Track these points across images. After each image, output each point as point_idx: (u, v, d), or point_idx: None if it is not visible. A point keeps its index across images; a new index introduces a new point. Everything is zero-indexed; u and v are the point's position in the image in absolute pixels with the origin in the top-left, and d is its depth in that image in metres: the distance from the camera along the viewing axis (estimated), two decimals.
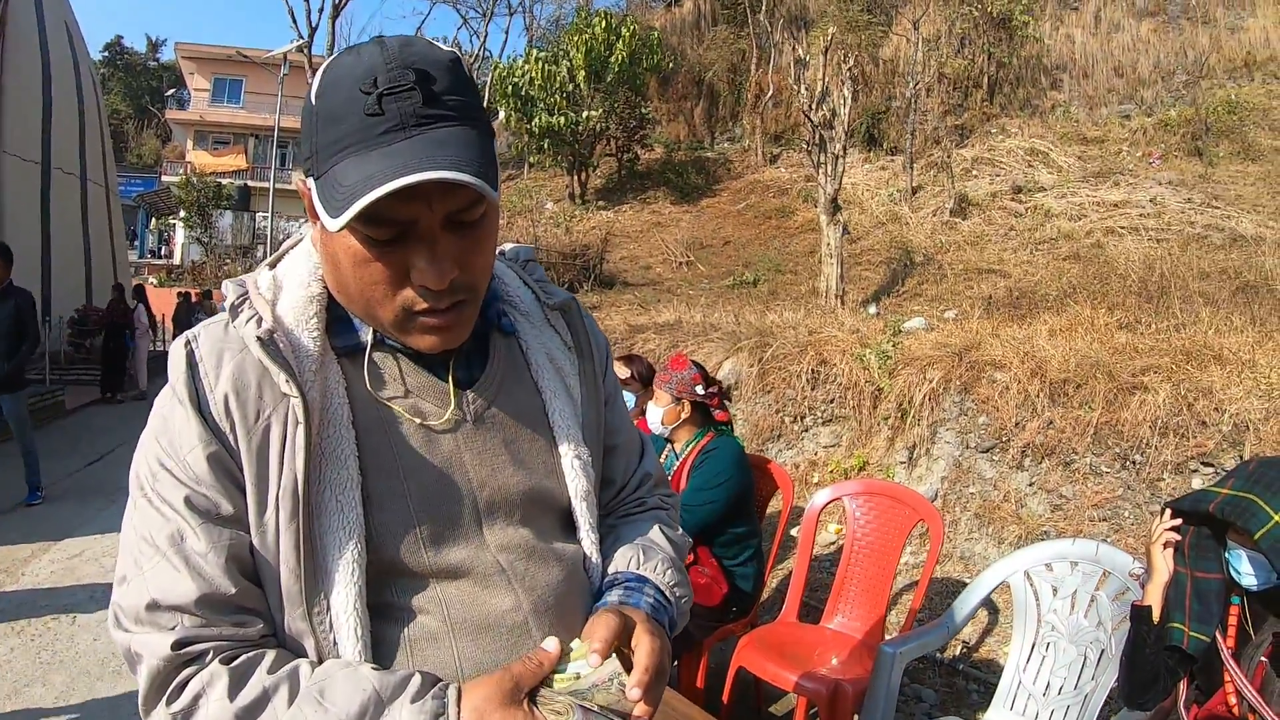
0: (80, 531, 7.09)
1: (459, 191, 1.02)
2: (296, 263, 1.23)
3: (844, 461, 6.49)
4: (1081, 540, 3.14)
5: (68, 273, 19.30)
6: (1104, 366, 5.62)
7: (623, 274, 19.41)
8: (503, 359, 1.30)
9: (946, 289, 13.65)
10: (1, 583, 5.90)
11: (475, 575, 1.16)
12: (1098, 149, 17.87)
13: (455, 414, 1.20)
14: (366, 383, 1.16)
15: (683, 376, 3.98)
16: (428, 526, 1.15)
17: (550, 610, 1.20)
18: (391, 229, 1.03)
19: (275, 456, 1.08)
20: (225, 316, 1.15)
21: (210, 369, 1.10)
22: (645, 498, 1.53)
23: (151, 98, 60.55)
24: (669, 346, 8.65)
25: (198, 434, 1.07)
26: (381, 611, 1.12)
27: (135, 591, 1.05)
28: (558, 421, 1.30)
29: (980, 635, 4.63)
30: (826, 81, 14.14)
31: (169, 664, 1.02)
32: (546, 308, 1.40)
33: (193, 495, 1.06)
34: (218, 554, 1.05)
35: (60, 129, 19.37)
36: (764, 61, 25.65)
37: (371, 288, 1.08)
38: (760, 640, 3.72)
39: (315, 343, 1.14)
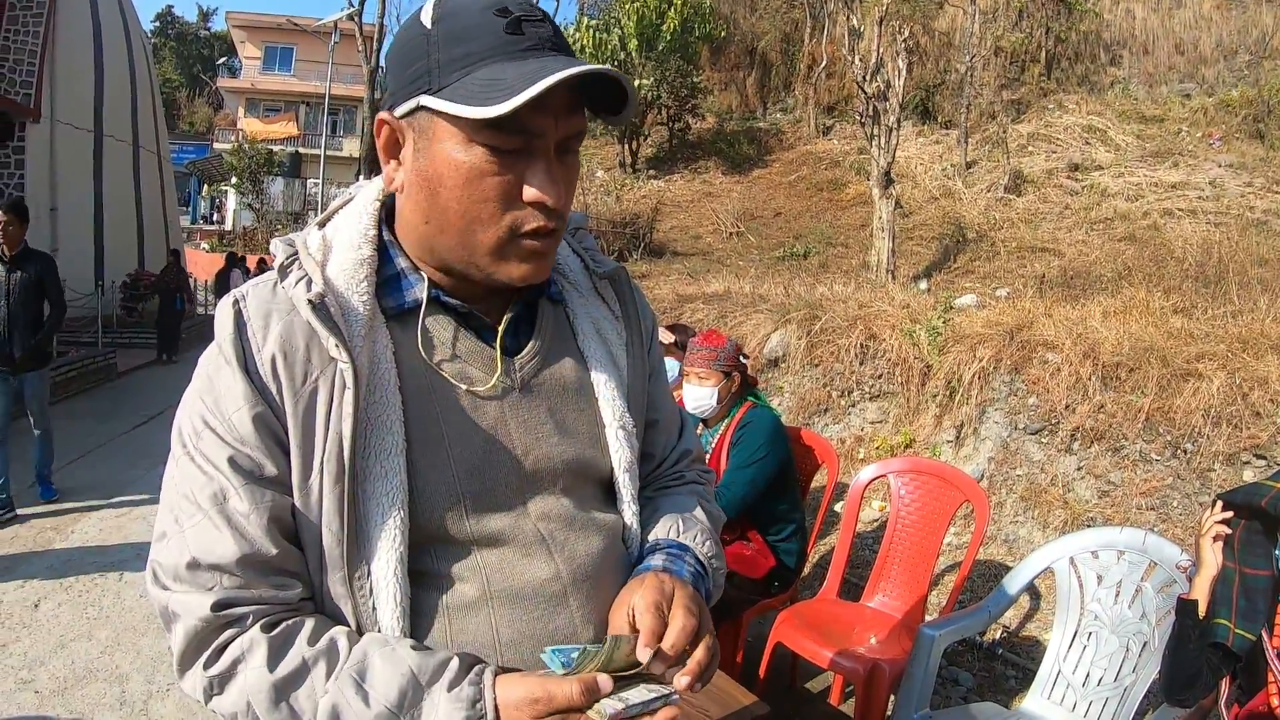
0: (129, 490, 7.26)
1: (577, 117, 1.11)
2: (346, 223, 1.23)
3: (890, 438, 6.47)
4: (1129, 529, 3.11)
5: (120, 238, 19.66)
6: (1158, 351, 5.56)
7: (672, 244, 19.35)
8: (550, 327, 1.30)
9: (999, 267, 13.49)
10: (51, 540, 6.06)
11: (515, 543, 1.17)
12: (1157, 128, 17.52)
13: (502, 381, 1.21)
14: (419, 345, 1.17)
15: (728, 350, 3.98)
16: (470, 494, 1.15)
17: (588, 580, 1.20)
18: (520, 139, 1.06)
19: (321, 420, 1.08)
20: (273, 276, 1.16)
21: (258, 329, 1.10)
22: (684, 472, 1.54)
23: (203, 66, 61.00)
24: (717, 317, 8.64)
25: (244, 394, 1.07)
26: (421, 578, 1.13)
27: (175, 549, 1.06)
28: (602, 392, 1.30)
29: (1021, 620, 4.61)
30: (881, 53, 13.97)
31: (208, 625, 1.04)
32: (595, 277, 1.40)
33: (237, 455, 1.07)
34: (260, 515, 1.06)
35: (112, 97, 19.65)
36: (818, 31, 25.34)
37: (479, 205, 1.09)
38: (799, 616, 3.74)
39: (365, 306, 1.14)
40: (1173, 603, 2.44)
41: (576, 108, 1.10)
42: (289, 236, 1.20)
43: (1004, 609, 3.32)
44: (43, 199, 16.64)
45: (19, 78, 16.27)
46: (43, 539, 6.03)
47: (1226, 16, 19.78)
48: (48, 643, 4.51)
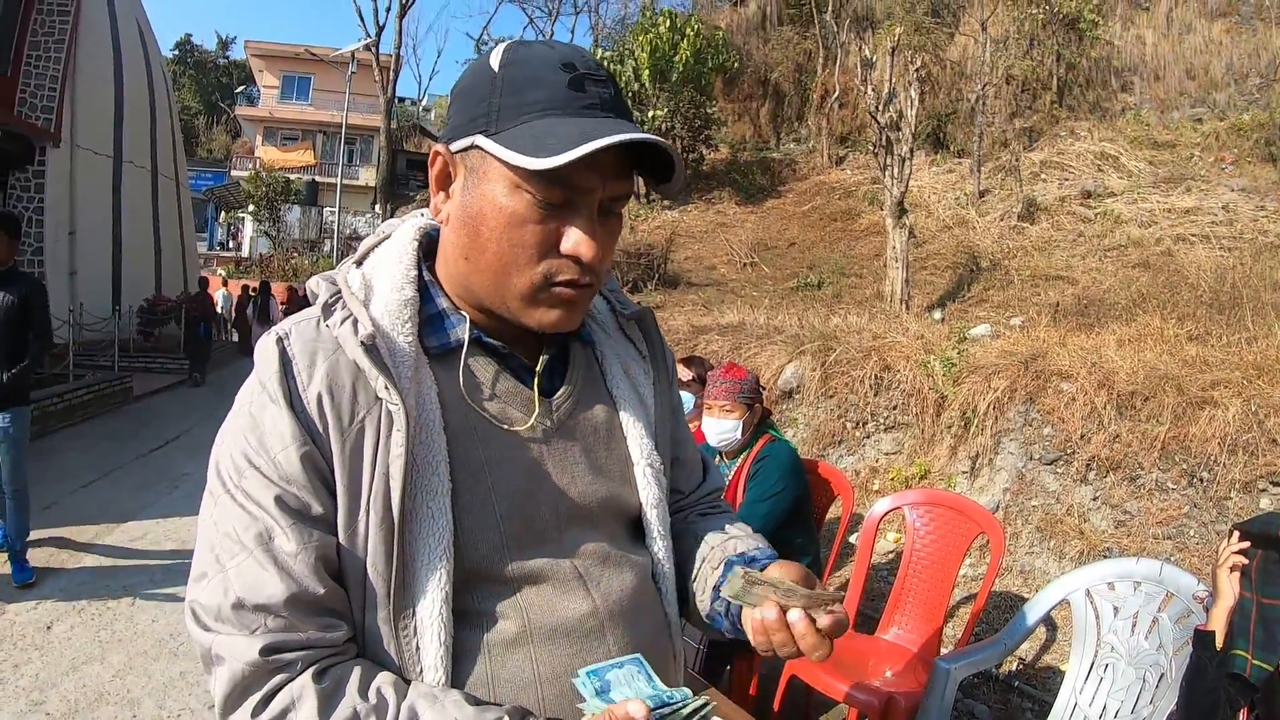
0: (143, 515, 7.27)
1: (624, 180, 1.14)
2: (386, 262, 1.24)
3: (905, 469, 6.45)
4: (1145, 559, 3.10)
5: (138, 263, 19.92)
6: (1173, 379, 5.54)
7: (687, 274, 19.38)
8: (581, 368, 1.33)
9: (1013, 295, 13.46)
10: (65, 561, 6.09)
11: (554, 581, 1.18)
12: (1169, 153, 17.48)
13: (540, 421, 1.23)
14: (461, 385, 1.18)
15: (749, 382, 3.98)
16: (512, 533, 1.16)
17: (624, 615, 1.21)
18: (566, 193, 1.09)
19: (368, 459, 1.09)
20: (316, 314, 1.16)
21: (304, 368, 1.10)
22: (717, 502, 1.59)
23: (221, 94, 61.48)
24: (732, 348, 8.65)
25: (291, 433, 1.07)
26: (463, 616, 1.13)
27: (218, 589, 1.05)
28: (630, 431, 1.33)
29: (1038, 652, 4.58)
30: (893, 83, 14.02)
31: (256, 669, 1.02)
32: (621, 318, 1.43)
33: (284, 494, 1.06)
34: (307, 554, 1.05)
35: (132, 124, 19.92)
36: (830, 62, 25.47)
37: (517, 250, 1.11)
38: None
39: (411, 346, 1.15)
40: (1190, 634, 2.42)
41: (625, 171, 1.13)
42: (330, 274, 1.22)
43: (1020, 641, 3.30)
44: (62, 222, 16.91)
45: (40, 102, 16.49)
46: (56, 560, 6.05)
47: (1236, 40, 19.78)
48: (60, 665, 4.51)
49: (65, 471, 8.61)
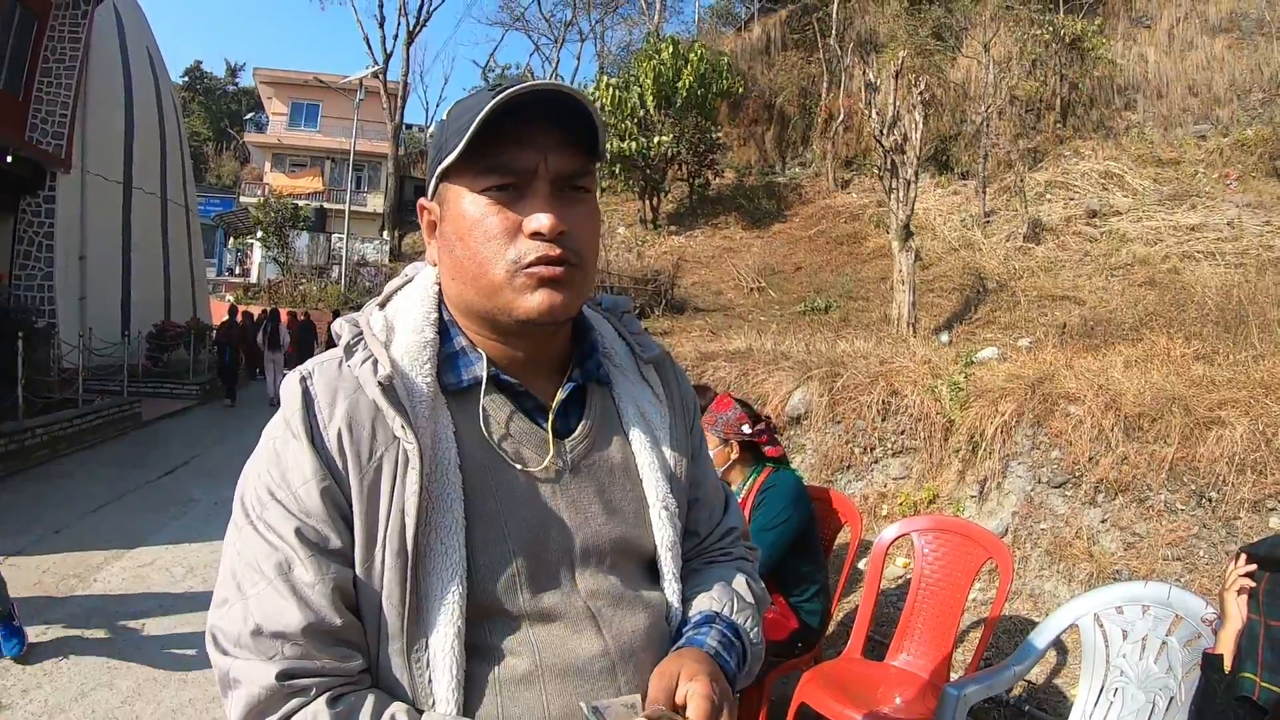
0: (152, 540, 7.28)
1: (570, 151, 1.18)
2: (408, 305, 1.29)
3: (914, 494, 6.45)
4: (1153, 583, 3.10)
5: (147, 288, 20.07)
6: (1180, 400, 5.53)
7: (694, 299, 19.43)
8: (598, 410, 1.34)
9: (1020, 316, 13.48)
10: (74, 587, 6.08)
11: (566, 619, 1.19)
12: (1173, 171, 17.50)
13: (554, 462, 1.24)
14: (481, 421, 1.21)
15: (728, 417, 3.99)
16: (525, 570, 1.18)
17: (634, 656, 1.22)
18: (511, 177, 1.16)
19: (385, 495, 1.12)
20: (339, 354, 1.20)
21: (325, 405, 1.15)
22: (730, 548, 1.55)
23: (230, 121, 61.80)
24: (740, 374, 8.66)
25: (312, 468, 1.11)
26: (475, 651, 1.14)
27: (238, 616, 1.08)
28: (646, 473, 1.33)
29: (1047, 676, 4.57)
30: (897, 106, 14.06)
31: (272, 694, 1.04)
32: (640, 360, 1.44)
33: (303, 527, 1.10)
34: (324, 585, 1.08)
35: (142, 150, 20.16)
36: (834, 85, 25.62)
37: (485, 246, 1.16)
38: (824, 676, 3.70)
39: (428, 387, 1.19)
40: (1198, 656, 2.42)
41: (568, 146, 1.17)
42: (353, 317, 1.27)
43: (1029, 667, 3.30)
44: (72, 248, 17.06)
45: (51, 128, 16.68)
46: (65, 586, 6.05)
47: (1238, 56, 19.79)
48: (69, 691, 4.52)
49: (75, 496, 8.65)
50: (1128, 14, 22.49)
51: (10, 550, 6.68)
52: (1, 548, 6.72)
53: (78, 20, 17.14)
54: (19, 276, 16.31)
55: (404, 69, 38.97)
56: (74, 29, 17.11)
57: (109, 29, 18.92)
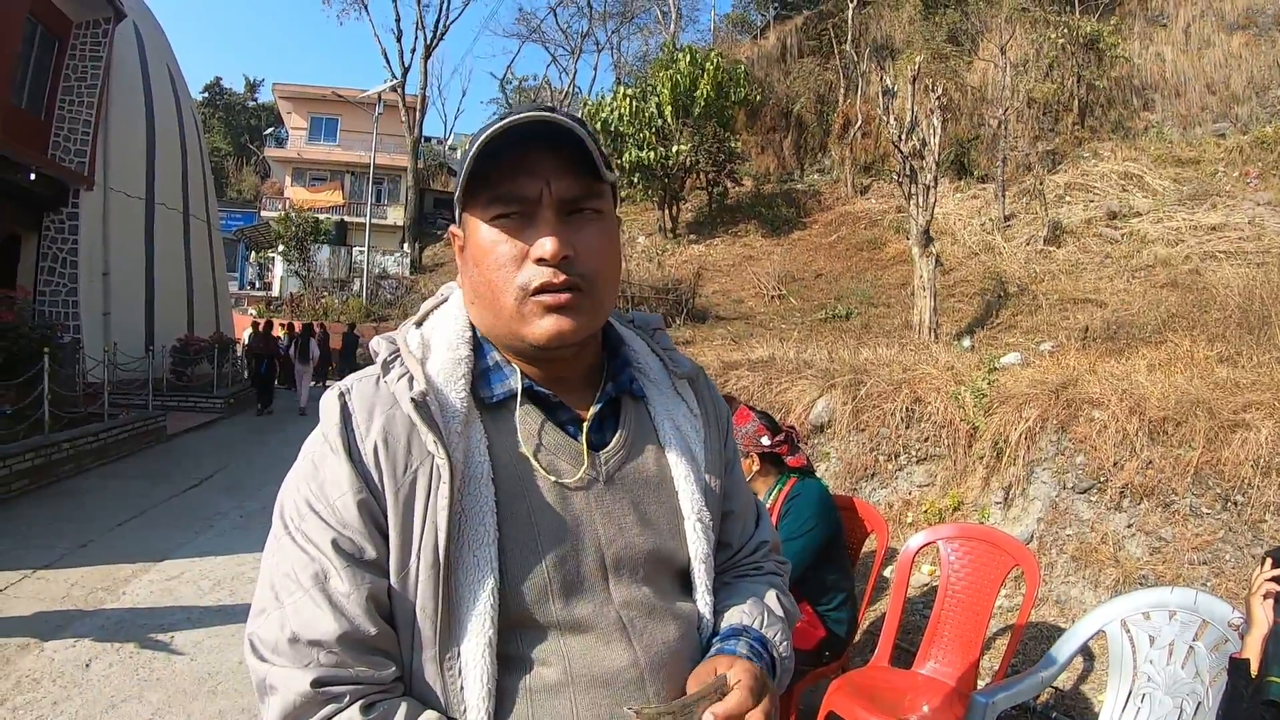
0: (179, 554, 7.28)
1: (573, 175, 1.19)
2: (443, 323, 1.33)
3: (938, 501, 6.42)
4: (1180, 589, 3.09)
5: (170, 303, 20.25)
6: (1204, 403, 5.50)
7: (715, 308, 19.46)
8: (633, 423, 1.35)
9: (1042, 320, 13.43)
10: (102, 600, 6.10)
11: (597, 630, 1.20)
12: (1193, 170, 17.41)
13: (588, 473, 1.25)
14: (515, 437, 1.24)
15: (747, 430, 3.99)
16: (558, 581, 1.19)
17: (665, 668, 1.22)
18: (513, 204, 1.19)
19: (420, 508, 1.14)
20: (377, 371, 1.24)
21: (362, 421, 1.18)
22: (762, 563, 1.56)
23: (250, 136, 62.28)
24: (762, 383, 8.64)
25: (349, 481, 1.15)
26: (507, 660, 1.16)
27: (275, 624, 1.11)
28: (681, 485, 1.34)
29: (1075, 683, 4.55)
30: (915, 111, 14.05)
31: (306, 700, 1.07)
32: (674, 376, 1.45)
33: (339, 539, 1.13)
34: (359, 595, 1.11)
35: (163, 166, 20.30)
36: (851, 91, 25.61)
37: (496, 273, 1.20)
38: (852, 684, 3.70)
39: (462, 403, 1.21)
40: (1225, 661, 2.42)
41: (571, 169, 1.19)
42: (390, 335, 1.31)
43: (1057, 673, 3.28)
44: (96, 264, 17.24)
45: (73, 146, 16.86)
46: (94, 599, 6.08)
47: (1256, 53, 19.69)
48: (98, 703, 4.53)
49: (101, 510, 8.68)
50: (1144, 13, 22.39)
51: (39, 564, 6.72)
52: (30, 561, 6.76)
53: (98, 39, 17.33)
54: (43, 293, 16.45)
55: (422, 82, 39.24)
56: (94, 48, 17.29)
57: (129, 47, 19.11)
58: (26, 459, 9.37)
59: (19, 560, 6.78)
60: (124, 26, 18.29)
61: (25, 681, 4.72)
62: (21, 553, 6.99)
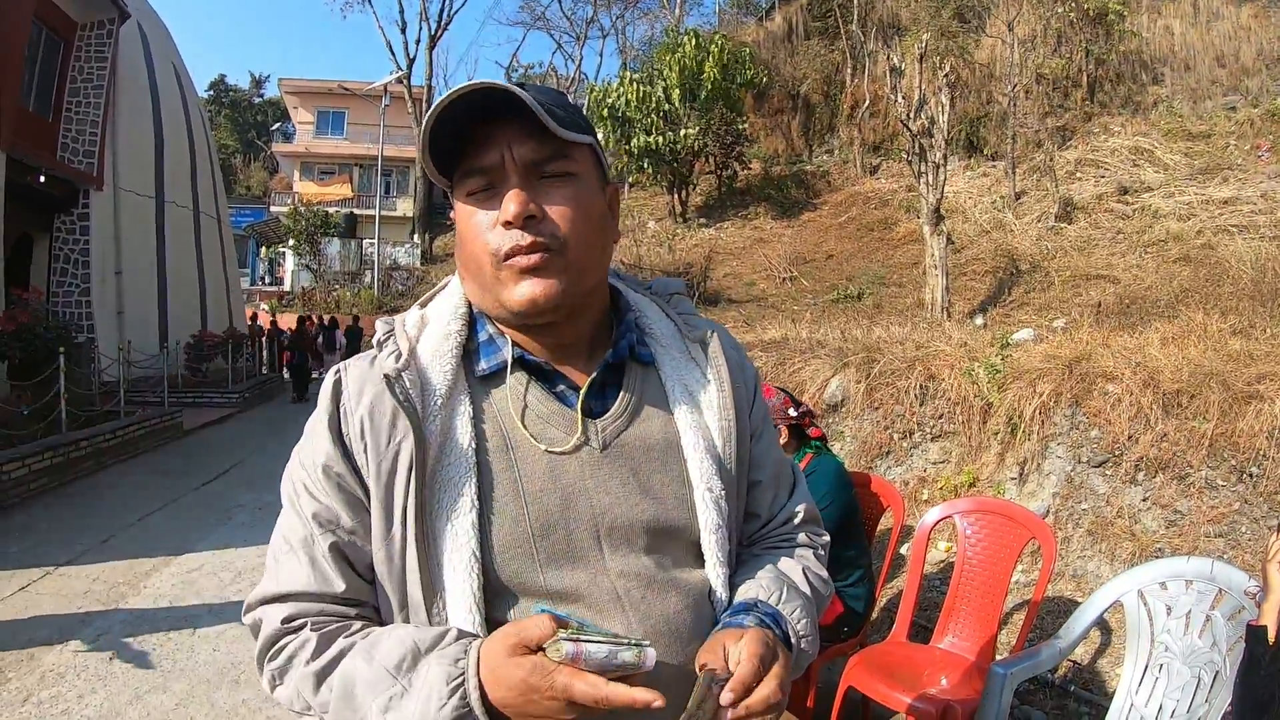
0: (199, 547, 7.37)
1: (534, 139, 1.19)
2: (442, 302, 1.37)
3: (954, 478, 6.42)
4: (1196, 558, 3.09)
5: (183, 300, 20.41)
6: (1218, 375, 5.49)
7: (727, 291, 19.45)
8: (638, 389, 1.34)
9: (1054, 297, 13.40)
10: (124, 594, 6.17)
11: (590, 600, 1.20)
12: (1204, 144, 17.28)
13: (579, 440, 1.25)
14: (505, 405, 1.26)
15: (774, 404, 4.02)
16: (545, 550, 1.19)
17: (661, 639, 1.20)
18: (480, 176, 1.22)
19: (402, 480, 1.19)
20: (374, 350, 1.29)
21: (353, 395, 1.24)
22: (794, 534, 1.52)
23: (258, 132, 62.38)
24: (776, 364, 8.64)
25: (328, 454, 1.23)
26: (496, 627, 1.14)
27: (268, 582, 1.25)
28: (691, 454, 1.31)
29: (1092, 655, 4.55)
30: (923, 89, 13.99)
31: (277, 633, 1.21)
32: (688, 340, 1.44)
33: (319, 508, 1.23)
34: (333, 555, 1.22)
35: (172, 165, 20.44)
36: (859, 71, 25.51)
37: (474, 243, 1.23)
38: (870, 660, 3.72)
39: (446, 377, 1.25)
40: (1242, 630, 2.42)
41: (533, 133, 1.19)
42: (391, 317, 1.35)
43: (1074, 645, 3.29)
44: (108, 263, 17.38)
45: (82, 147, 16.99)
46: (115, 594, 6.13)
47: (1265, 25, 19.52)
48: (123, 695, 4.58)
49: (120, 506, 8.75)
50: None
51: (60, 560, 6.78)
52: (52, 558, 6.83)
53: (103, 40, 17.44)
54: (57, 293, 16.58)
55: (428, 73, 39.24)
56: (100, 49, 17.41)
57: (134, 47, 19.19)
58: (45, 458, 9.43)
59: (41, 557, 6.84)
60: (128, 27, 18.41)
61: (50, 676, 4.77)
62: (43, 550, 7.07)
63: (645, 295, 1.49)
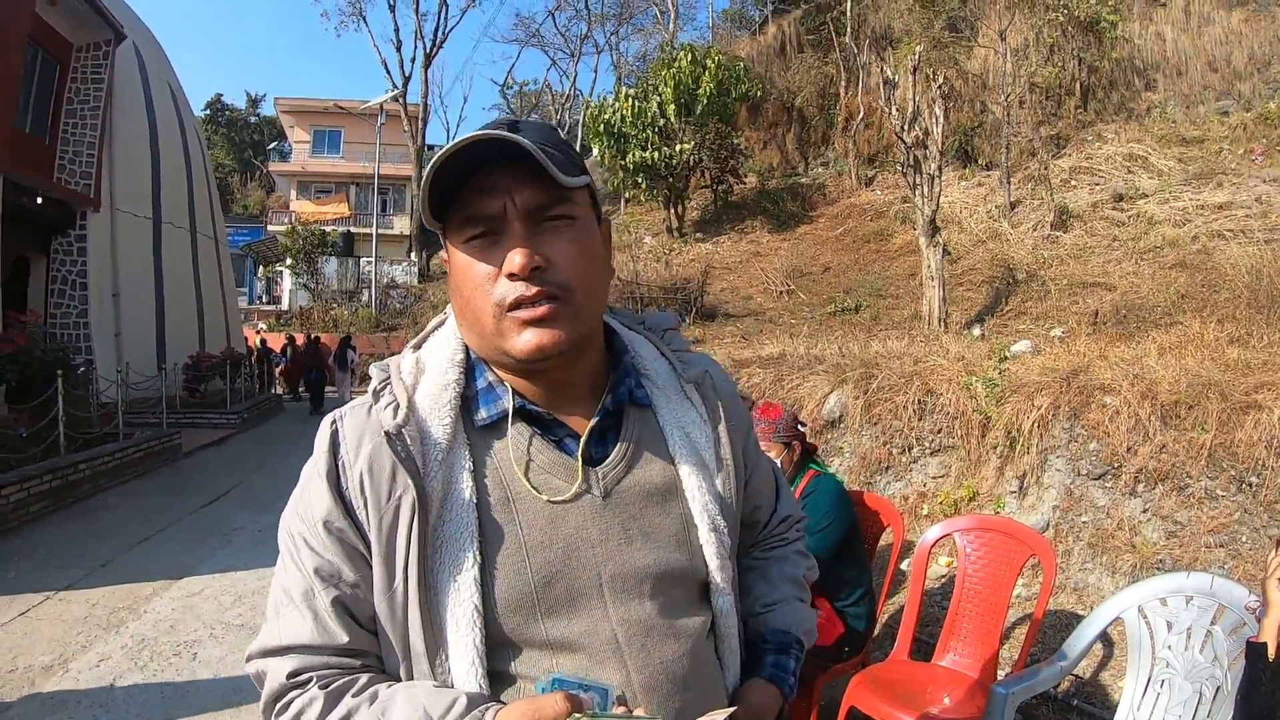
0: (199, 570, 7.35)
1: (535, 185, 1.18)
2: (438, 347, 1.35)
3: (953, 492, 6.42)
4: (1196, 573, 3.09)
5: (180, 321, 20.45)
6: (1215, 385, 5.50)
7: (724, 305, 19.44)
8: (636, 433, 1.33)
9: (1051, 306, 13.38)
10: (124, 619, 6.14)
11: (589, 650, 1.20)
12: (1198, 149, 17.24)
13: (581, 489, 1.24)
14: (506, 456, 1.25)
15: (784, 421, 4.03)
16: (547, 601, 1.19)
17: (659, 689, 1.21)
18: (480, 224, 1.19)
19: (403, 535, 1.18)
20: (369, 399, 1.27)
21: (351, 448, 1.23)
22: (785, 533, 1.64)
23: (254, 151, 62.44)
24: (774, 380, 8.64)
25: (327, 508, 1.21)
26: (498, 678, 1.19)
27: (270, 633, 1.23)
28: (694, 495, 1.32)
29: (1095, 670, 4.55)
30: (917, 101, 14.01)
31: (283, 688, 1.19)
32: (683, 380, 1.43)
33: (320, 562, 1.21)
34: (336, 609, 1.21)
35: (169, 185, 20.52)
36: (852, 84, 25.53)
37: (474, 292, 1.21)
38: (872, 679, 3.72)
39: (446, 430, 1.23)
40: (1243, 645, 2.42)
41: (533, 179, 1.18)
42: (385, 362, 1.34)
43: (1075, 662, 3.28)
44: (105, 285, 17.45)
45: (79, 168, 17.08)
46: (116, 618, 6.12)
47: (1256, 29, 19.50)
48: None
49: (120, 529, 8.74)
50: None
51: (59, 585, 6.77)
52: (51, 583, 6.81)
53: (99, 61, 17.53)
54: (54, 316, 16.61)
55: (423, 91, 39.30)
56: (95, 70, 17.49)
57: (130, 68, 19.28)
58: (44, 481, 9.42)
59: (40, 582, 6.83)
60: (124, 48, 18.49)
61: (50, 703, 4.75)
62: (42, 574, 7.05)
63: (639, 331, 1.48)
